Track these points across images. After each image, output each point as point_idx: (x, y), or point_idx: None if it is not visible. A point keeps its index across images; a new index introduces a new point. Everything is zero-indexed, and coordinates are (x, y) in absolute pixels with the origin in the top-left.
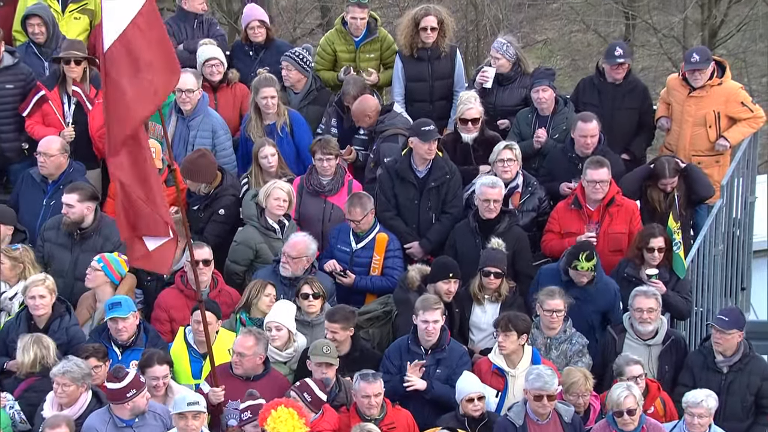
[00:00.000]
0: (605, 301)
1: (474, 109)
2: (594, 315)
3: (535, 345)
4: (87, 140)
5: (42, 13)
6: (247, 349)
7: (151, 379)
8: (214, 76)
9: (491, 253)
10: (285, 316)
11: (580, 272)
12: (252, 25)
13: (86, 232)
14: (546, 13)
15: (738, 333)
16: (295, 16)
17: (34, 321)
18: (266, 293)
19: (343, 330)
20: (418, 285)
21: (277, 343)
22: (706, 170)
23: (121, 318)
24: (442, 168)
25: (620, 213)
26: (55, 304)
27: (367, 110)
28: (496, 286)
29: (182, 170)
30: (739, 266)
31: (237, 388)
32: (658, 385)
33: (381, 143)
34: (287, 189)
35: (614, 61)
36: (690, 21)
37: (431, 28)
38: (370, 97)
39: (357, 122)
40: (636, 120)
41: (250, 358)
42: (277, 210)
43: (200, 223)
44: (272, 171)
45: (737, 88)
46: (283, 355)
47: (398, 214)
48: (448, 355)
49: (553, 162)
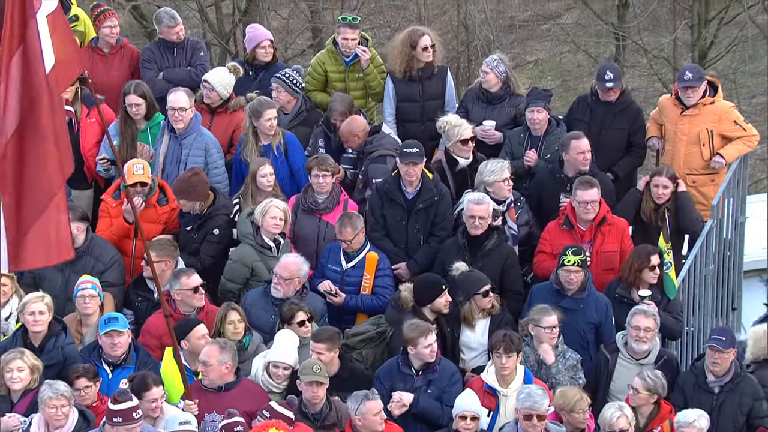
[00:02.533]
0: (598, 313)
1: (468, 127)
2: (588, 328)
3: (527, 363)
4: (78, 160)
5: None
6: (210, 357)
7: (150, 401)
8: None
9: (476, 274)
10: (291, 354)
11: (568, 268)
12: (263, 44)
13: (77, 253)
14: (537, 34)
15: (734, 351)
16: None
17: (30, 339)
18: (229, 321)
19: (328, 351)
20: (413, 305)
21: (281, 381)
22: (702, 189)
23: (117, 332)
24: (431, 190)
25: (612, 231)
26: (51, 322)
27: (355, 130)
28: (492, 302)
29: (175, 190)
30: (730, 286)
31: (209, 401)
32: (671, 407)
33: (369, 164)
34: (283, 207)
35: (603, 86)
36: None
37: (430, 47)
38: (358, 118)
39: (345, 142)
40: (624, 140)
41: (215, 368)
42: (273, 228)
43: (194, 244)
44: (269, 190)
45: (729, 107)
46: (281, 387)
47: (387, 234)
48: (439, 375)
49: (540, 182)
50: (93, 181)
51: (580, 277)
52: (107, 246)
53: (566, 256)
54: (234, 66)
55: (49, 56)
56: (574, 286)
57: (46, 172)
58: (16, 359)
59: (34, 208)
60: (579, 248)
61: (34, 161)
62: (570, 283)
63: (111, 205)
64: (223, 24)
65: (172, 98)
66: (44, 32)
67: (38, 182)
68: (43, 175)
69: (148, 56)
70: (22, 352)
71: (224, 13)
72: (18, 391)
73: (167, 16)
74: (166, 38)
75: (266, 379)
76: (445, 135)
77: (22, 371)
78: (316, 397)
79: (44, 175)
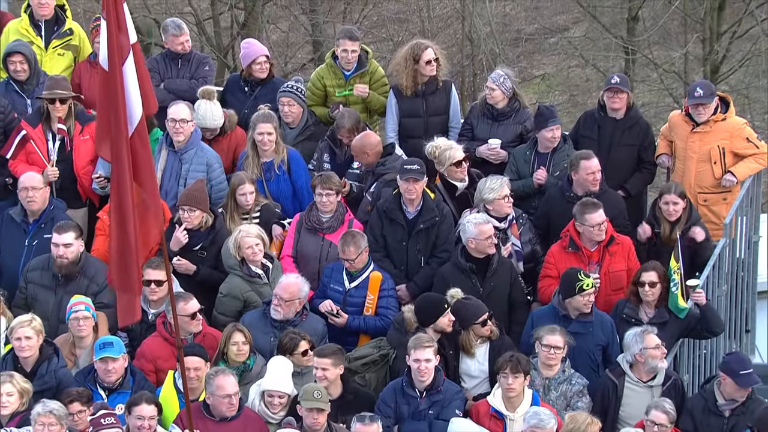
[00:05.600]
0: (605, 334)
1: (459, 148)
2: (596, 349)
3: (533, 386)
4: (72, 178)
5: (24, 50)
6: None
7: (137, 418)
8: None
9: (473, 303)
10: (286, 382)
11: (586, 293)
12: (259, 60)
13: (71, 274)
14: (543, 48)
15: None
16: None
17: (20, 364)
18: (233, 341)
19: (334, 366)
20: (416, 327)
21: (278, 411)
22: (714, 207)
23: (112, 358)
24: (432, 210)
25: (619, 251)
26: (43, 346)
27: (366, 147)
28: (490, 329)
29: (184, 199)
30: (744, 307)
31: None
32: None
33: (382, 187)
34: (256, 232)
35: (609, 86)
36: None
37: (433, 60)
38: (372, 134)
39: (355, 158)
40: (635, 157)
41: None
42: (254, 257)
43: (206, 263)
44: (248, 208)
45: (742, 123)
46: (277, 417)
47: (387, 255)
48: (443, 397)
49: (550, 201)
50: (88, 199)
51: (592, 299)
52: (101, 266)
53: (582, 280)
54: (207, 91)
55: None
56: (588, 309)
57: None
58: (6, 383)
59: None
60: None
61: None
62: (587, 307)
63: (107, 223)
64: (221, 37)
65: (173, 110)
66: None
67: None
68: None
69: (151, 66)
70: (11, 375)
71: (222, 26)
72: (6, 416)
73: (173, 25)
74: (171, 48)
75: (262, 408)
76: (437, 161)
77: (11, 395)
78: (317, 424)
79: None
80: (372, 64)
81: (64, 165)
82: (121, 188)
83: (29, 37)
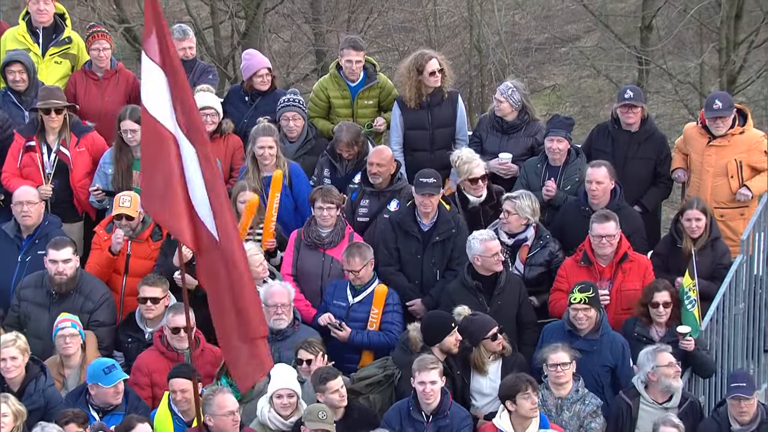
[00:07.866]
0: (613, 356)
1: (480, 165)
2: (602, 371)
3: (545, 406)
4: (68, 192)
5: (23, 59)
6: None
7: None
8: (207, 125)
9: (481, 318)
10: (293, 381)
11: (575, 306)
12: (261, 73)
13: (65, 291)
14: (554, 58)
15: (756, 393)
16: (288, 61)
17: (7, 384)
18: None
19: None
20: (422, 346)
21: (289, 411)
22: (731, 223)
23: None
24: (449, 222)
25: (633, 269)
26: (29, 364)
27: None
28: (501, 344)
29: None
30: (761, 326)
31: None
32: None
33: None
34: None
35: (622, 101)
36: (707, 66)
37: (438, 71)
38: (386, 151)
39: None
40: (651, 171)
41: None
42: (262, 275)
43: None
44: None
45: (760, 136)
46: (288, 423)
47: (401, 269)
48: (450, 422)
49: (565, 215)
50: (84, 213)
51: (590, 315)
52: (97, 283)
53: (573, 294)
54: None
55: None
56: (584, 325)
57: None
58: (2, 404)
59: None
60: (588, 285)
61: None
62: (579, 322)
63: (103, 238)
64: (221, 47)
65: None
66: None
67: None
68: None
69: None
70: (6, 397)
71: (222, 35)
72: (14, 379)
73: (179, 30)
74: None
75: (273, 415)
76: (456, 170)
77: (6, 416)
78: None
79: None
80: (381, 78)
81: (59, 178)
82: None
83: (26, 44)
